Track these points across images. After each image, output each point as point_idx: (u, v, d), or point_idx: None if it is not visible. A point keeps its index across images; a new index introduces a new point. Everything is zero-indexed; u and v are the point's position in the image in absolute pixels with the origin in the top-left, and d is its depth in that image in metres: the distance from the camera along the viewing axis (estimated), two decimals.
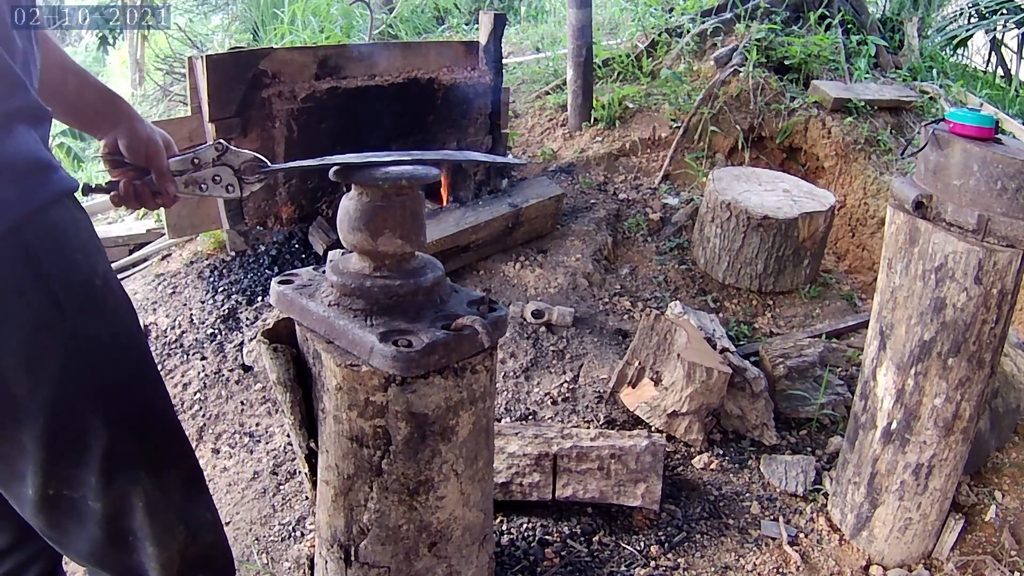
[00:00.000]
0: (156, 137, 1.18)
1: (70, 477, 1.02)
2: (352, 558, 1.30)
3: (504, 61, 3.58)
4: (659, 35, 4.61)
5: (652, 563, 1.87)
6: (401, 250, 1.22)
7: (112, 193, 1.18)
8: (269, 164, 1.22)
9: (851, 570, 1.91)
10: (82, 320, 0.98)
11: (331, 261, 1.30)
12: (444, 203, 3.15)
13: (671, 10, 4.96)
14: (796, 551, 1.94)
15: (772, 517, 2.06)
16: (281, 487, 2.13)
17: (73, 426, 1.00)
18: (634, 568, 1.85)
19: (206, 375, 2.55)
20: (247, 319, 2.74)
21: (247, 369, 2.57)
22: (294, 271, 1.37)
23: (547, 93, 4.39)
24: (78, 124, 1.25)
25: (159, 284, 2.96)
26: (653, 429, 2.24)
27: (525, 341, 2.59)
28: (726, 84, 4.10)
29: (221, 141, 1.21)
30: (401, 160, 1.21)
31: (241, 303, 2.80)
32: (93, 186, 1.19)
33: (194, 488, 1.19)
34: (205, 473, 2.24)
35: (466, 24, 6.28)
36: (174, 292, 2.91)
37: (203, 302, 2.82)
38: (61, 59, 1.14)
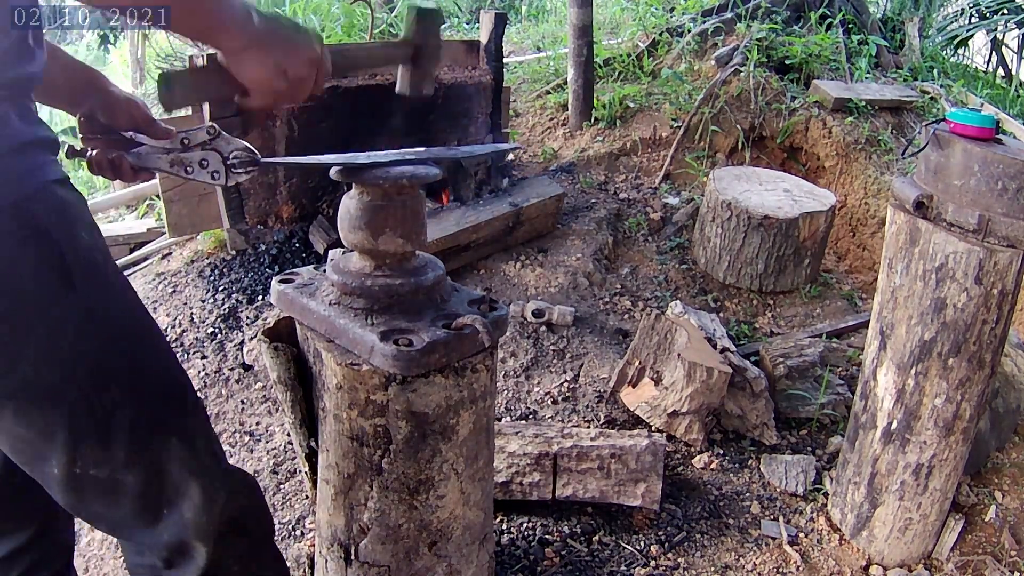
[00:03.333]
0: (134, 97, 1.17)
1: (96, 453, 1.01)
2: (352, 557, 1.30)
3: (505, 60, 3.57)
4: (660, 34, 4.61)
5: (652, 563, 1.87)
6: (402, 249, 1.22)
7: (89, 155, 1.15)
8: (259, 156, 1.20)
9: (851, 570, 1.91)
10: (92, 290, 0.97)
11: (332, 260, 1.30)
12: (445, 202, 3.15)
13: (672, 9, 4.96)
14: (796, 551, 1.94)
15: (772, 517, 2.06)
16: (281, 486, 2.13)
17: (96, 401, 0.99)
18: (634, 568, 1.85)
19: (206, 374, 2.55)
20: (247, 318, 2.74)
21: (247, 368, 2.57)
22: (295, 270, 1.37)
23: (548, 92, 4.39)
24: (51, 101, 1.18)
25: (159, 283, 2.96)
26: (653, 429, 2.24)
27: (525, 340, 2.59)
28: (727, 84, 4.10)
29: (214, 125, 1.18)
30: (396, 161, 1.20)
31: (242, 302, 2.80)
32: (77, 149, 1.16)
33: (220, 451, 1.18)
34: None
35: (467, 23, 6.28)
36: (174, 291, 2.91)
37: (203, 301, 2.82)
38: None
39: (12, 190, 0.89)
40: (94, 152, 1.14)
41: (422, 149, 1.18)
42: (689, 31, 4.51)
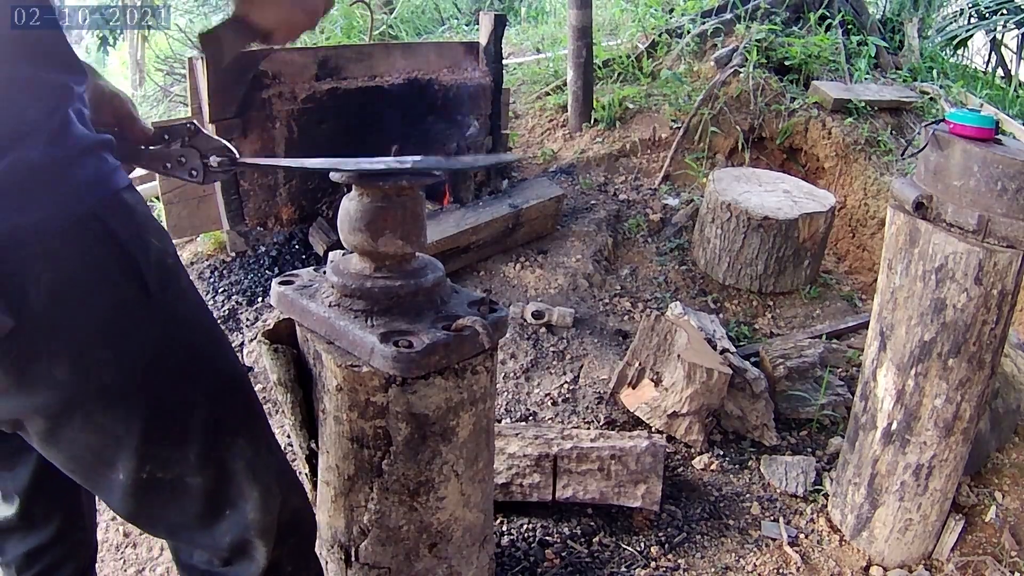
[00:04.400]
0: (120, 92, 1.16)
1: (168, 457, 1.01)
2: (352, 559, 1.30)
3: (504, 62, 3.58)
4: (659, 36, 4.61)
5: (652, 564, 1.87)
6: (402, 251, 1.22)
7: None
8: (237, 155, 1.19)
9: (851, 571, 1.91)
10: (167, 298, 0.98)
11: (331, 262, 1.30)
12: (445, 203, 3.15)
13: (671, 11, 4.96)
14: (796, 552, 1.94)
15: (772, 518, 2.06)
16: None
17: (172, 404, 0.99)
18: (634, 569, 1.85)
19: None
20: (247, 320, 2.74)
21: (248, 370, 2.57)
22: (294, 272, 1.37)
23: (547, 94, 4.39)
24: None
25: None
26: (653, 430, 2.24)
27: (525, 342, 2.59)
28: (726, 85, 4.10)
29: (193, 122, 1.17)
30: (384, 172, 1.19)
31: (241, 304, 2.80)
32: None
33: (280, 450, 1.19)
34: None
35: (466, 25, 6.28)
36: None
37: None
38: None
39: (85, 199, 0.89)
40: None
41: (419, 158, 1.18)
42: (688, 32, 4.51)
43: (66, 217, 0.87)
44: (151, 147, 1.16)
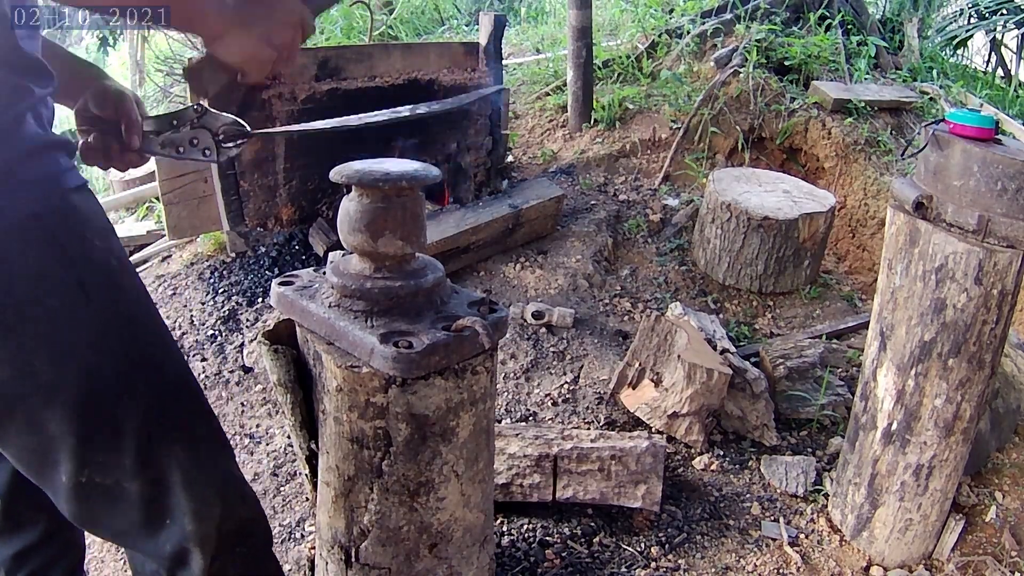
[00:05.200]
0: (125, 91, 1.17)
1: (104, 462, 1.01)
2: (353, 559, 1.30)
3: (504, 62, 3.58)
4: (659, 36, 4.61)
5: (653, 564, 1.87)
6: (401, 251, 1.22)
7: (80, 143, 1.14)
8: (248, 128, 1.19)
9: (851, 571, 1.91)
10: (106, 300, 0.98)
11: (331, 262, 1.30)
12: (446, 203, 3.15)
13: (671, 11, 4.96)
14: (797, 552, 1.94)
15: (772, 518, 2.06)
16: (281, 488, 2.13)
17: (106, 409, 0.99)
18: (635, 569, 1.85)
19: (206, 376, 2.55)
20: (247, 320, 2.74)
21: (247, 370, 2.57)
22: (294, 272, 1.37)
23: (547, 94, 4.39)
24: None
25: (159, 286, 2.96)
26: (653, 430, 2.24)
27: (525, 342, 2.59)
28: (726, 85, 4.10)
29: (201, 103, 1.17)
30: (388, 122, 1.19)
31: (241, 304, 2.80)
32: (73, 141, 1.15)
33: (228, 461, 1.18)
34: None
35: (466, 25, 6.28)
36: (174, 293, 2.91)
37: (203, 303, 2.82)
38: None
39: (30, 201, 0.90)
40: (86, 139, 1.13)
41: (409, 107, 1.17)
42: (688, 32, 4.52)
43: (10, 218, 0.88)
44: (161, 134, 1.16)
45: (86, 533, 1.35)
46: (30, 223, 0.89)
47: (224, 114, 1.19)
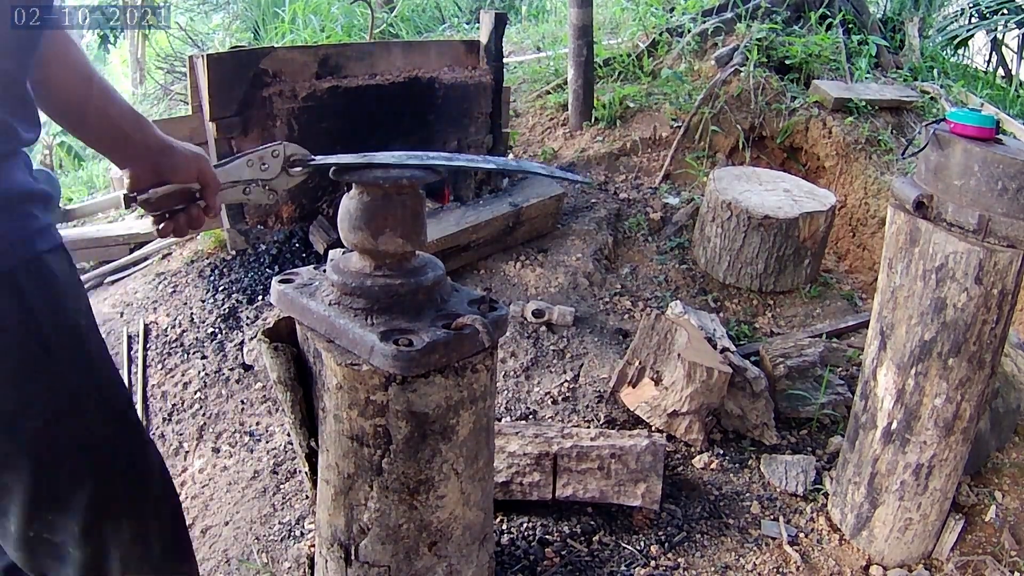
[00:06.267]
0: (199, 153, 1.15)
1: (52, 522, 1.01)
2: (352, 557, 1.30)
3: (505, 60, 3.57)
4: (660, 35, 4.61)
5: (652, 563, 1.87)
6: (402, 249, 1.22)
7: (161, 227, 1.14)
8: (314, 158, 1.22)
9: (851, 570, 1.91)
10: (69, 364, 0.97)
11: (332, 260, 1.30)
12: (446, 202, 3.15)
13: (672, 10, 4.96)
14: (796, 551, 1.94)
15: (772, 517, 2.06)
16: (281, 486, 2.13)
17: (57, 474, 0.98)
18: (634, 568, 1.85)
19: (206, 374, 2.55)
20: (248, 318, 2.74)
21: (247, 368, 2.57)
22: (295, 270, 1.37)
23: (548, 92, 4.39)
24: (99, 147, 1.12)
25: (159, 283, 2.96)
26: (653, 429, 2.24)
27: (526, 340, 2.59)
28: (727, 84, 4.10)
29: (282, 144, 1.21)
30: (447, 165, 1.20)
31: (242, 302, 2.80)
32: (132, 197, 1.12)
33: (172, 534, 1.17)
34: (205, 472, 2.25)
35: (467, 23, 6.28)
36: (174, 291, 2.91)
37: (203, 301, 2.82)
38: (86, 70, 1.03)
39: (6, 258, 0.88)
40: (168, 218, 1.14)
41: (480, 159, 1.19)
42: (689, 31, 4.51)
43: None
44: (238, 184, 1.20)
45: None
46: (4, 280, 0.87)
47: (293, 144, 1.23)
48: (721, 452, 2.27)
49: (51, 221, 0.96)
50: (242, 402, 2.46)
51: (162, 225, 1.14)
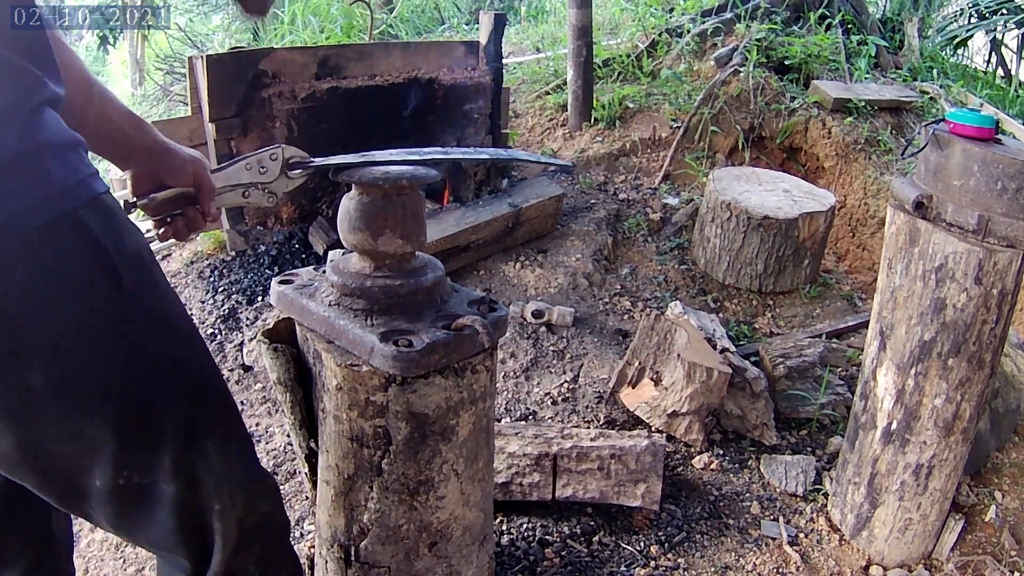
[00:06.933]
0: (197, 156, 1.15)
1: (144, 462, 0.99)
2: (352, 558, 1.30)
3: (504, 61, 3.58)
4: (659, 35, 4.61)
5: (652, 563, 1.87)
6: (401, 250, 1.22)
7: (161, 231, 1.15)
8: (313, 160, 1.23)
9: (851, 570, 1.91)
10: (144, 296, 0.96)
11: (331, 261, 1.30)
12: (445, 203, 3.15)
13: (671, 10, 4.96)
14: (796, 551, 1.94)
15: (772, 517, 2.06)
16: (281, 487, 2.13)
17: (147, 405, 0.97)
18: (634, 568, 1.85)
19: None
20: (247, 319, 2.74)
21: (247, 369, 2.57)
22: (294, 271, 1.37)
23: (547, 93, 4.39)
24: (101, 150, 1.12)
25: None
26: (653, 429, 2.24)
27: (525, 341, 2.59)
28: (726, 84, 4.10)
29: (280, 147, 1.22)
30: (441, 158, 1.21)
31: (241, 303, 2.80)
32: (132, 202, 1.14)
33: (251, 454, 1.16)
34: None
35: (466, 24, 6.28)
36: None
37: (203, 302, 2.82)
38: (84, 73, 1.05)
39: (66, 199, 0.88)
40: (171, 221, 1.15)
41: (481, 151, 1.20)
42: (688, 31, 4.51)
43: (45, 215, 0.85)
44: (237, 187, 1.21)
45: (74, 556, 1.33)
46: (67, 221, 0.87)
47: (292, 147, 1.24)
48: (721, 452, 2.27)
49: (96, 169, 0.96)
50: (242, 403, 2.46)
51: (162, 230, 1.15)
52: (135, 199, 1.11)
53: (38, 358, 0.87)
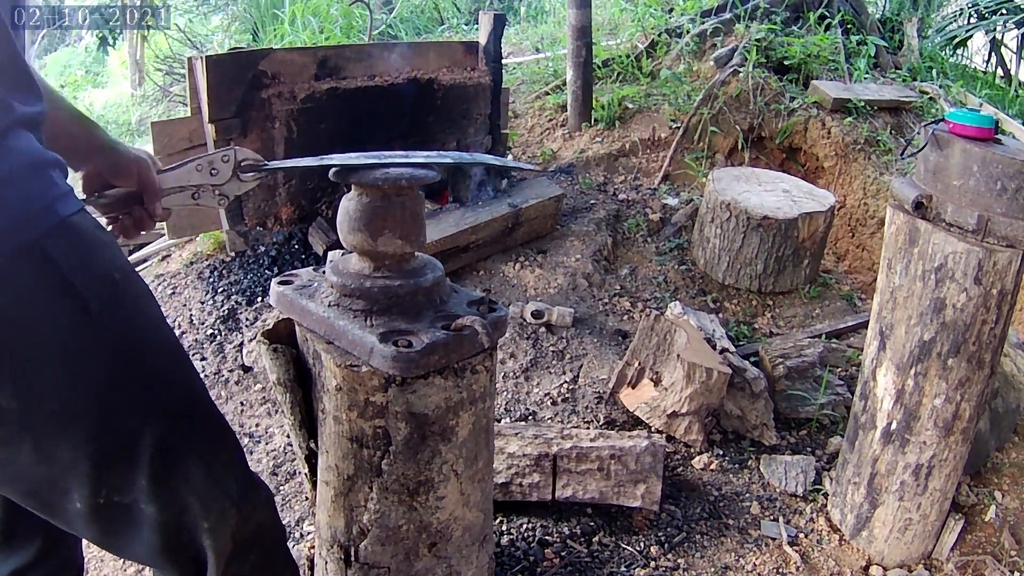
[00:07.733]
0: (141, 156, 1.16)
1: (121, 482, 0.99)
2: (352, 559, 1.30)
3: (504, 61, 3.58)
4: (659, 35, 4.61)
5: (652, 563, 1.87)
6: (401, 250, 1.22)
7: (110, 228, 1.16)
8: (267, 163, 1.22)
9: (851, 570, 1.91)
10: (112, 316, 0.96)
11: (331, 261, 1.30)
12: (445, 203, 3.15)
13: (671, 10, 4.96)
14: (796, 551, 1.94)
15: (772, 517, 2.06)
16: (281, 488, 2.13)
17: (120, 427, 0.97)
18: (634, 568, 1.85)
19: (206, 376, 2.55)
20: (247, 320, 2.74)
21: (247, 370, 2.57)
22: (294, 271, 1.37)
23: (547, 93, 4.39)
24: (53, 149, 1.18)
25: (159, 285, 2.96)
26: (653, 429, 2.24)
27: (525, 341, 2.59)
28: (726, 84, 4.10)
29: (233, 149, 1.22)
30: (402, 162, 1.20)
31: (241, 304, 2.80)
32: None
33: (241, 467, 1.16)
34: None
35: (466, 24, 6.28)
36: (174, 293, 2.91)
37: (203, 303, 2.82)
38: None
39: (29, 226, 0.87)
40: (120, 219, 1.16)
41: (434, 154, 1.19)
42: (688, 32, 4.52)
43: (8, 243, 0.85)
44: (185, 189, 1.21)
45: (84, 545, 1.34)
46: (30, 248, 0.87)
47: (246, 150, 1.24)
48: (721, 453, 2.27)
49: (71, 187, 0.95)
50: (241, 404, 2.46)
51: (110, 227, 1.16)
52: (83, 198, 1.11)
53: (8, 383, 0.88)
